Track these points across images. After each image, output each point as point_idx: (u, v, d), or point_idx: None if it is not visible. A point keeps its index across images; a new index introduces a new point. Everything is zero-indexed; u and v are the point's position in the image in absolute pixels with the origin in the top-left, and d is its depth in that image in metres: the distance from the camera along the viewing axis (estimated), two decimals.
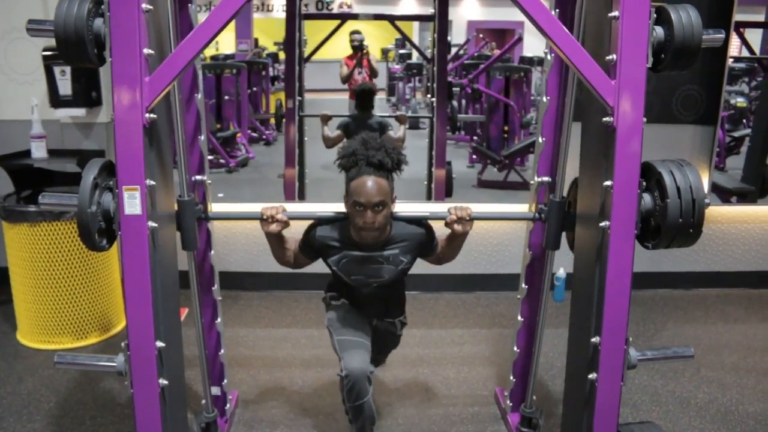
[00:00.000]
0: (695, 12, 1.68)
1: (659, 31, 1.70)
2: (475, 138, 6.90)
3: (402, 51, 10.40)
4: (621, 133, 1.69)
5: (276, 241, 2.20)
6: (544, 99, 2.25)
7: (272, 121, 7.59)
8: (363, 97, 4.55)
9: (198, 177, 2.20)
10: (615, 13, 1.68)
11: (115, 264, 3.38)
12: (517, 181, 6.05)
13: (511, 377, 2.63)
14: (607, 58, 1.70)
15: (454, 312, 3.86)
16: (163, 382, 1.75)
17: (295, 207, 4.08)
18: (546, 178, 2.29)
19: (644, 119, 1.70)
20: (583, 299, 1.90)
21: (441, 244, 2.28)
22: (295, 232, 2.26)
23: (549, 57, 2.21)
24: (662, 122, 3.88)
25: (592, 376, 1.80)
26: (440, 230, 2.24)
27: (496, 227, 4.07)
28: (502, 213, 2.59)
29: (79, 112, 3.34)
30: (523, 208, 4.08)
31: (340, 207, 2.17)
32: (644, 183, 1.75)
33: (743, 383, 3.02)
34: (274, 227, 2.09)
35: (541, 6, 1.68)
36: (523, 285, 2.50)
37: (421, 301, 3.93)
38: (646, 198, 1.75)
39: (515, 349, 2.59)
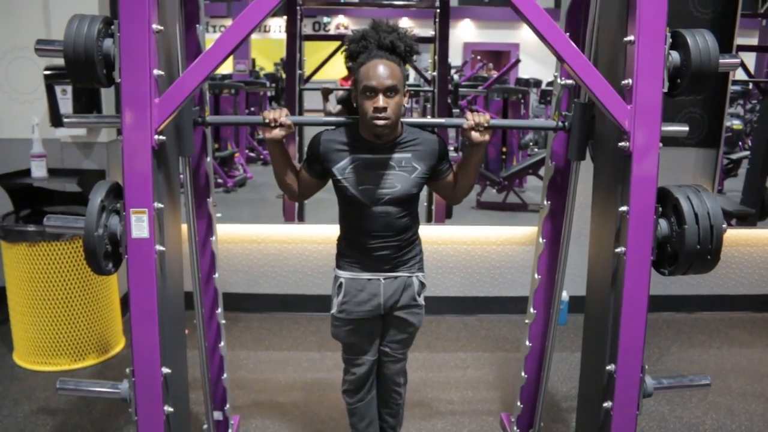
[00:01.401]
0: (711, 36, 1.67)
1: (675, 55, 1.69)
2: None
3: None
4: (637, 158, 1.68)
5: (280, 154, 2.00)
6: (559, 80, 2.20)
7: None
8: (350, 105, 4.53)
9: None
10: (631, 38, 1.67)
11: (114, 285, 3.33)
12: (516, 203, 6.04)
13: (518, 403, 2.59)
14: (623, 82, 1.68)
15: (457, 335, 3.81)
16: (169, 409, 1.70)
17: (295, 228, 4.09)
18: (569, 81, 2.14)
19: (660, 144, 1.69)
20: (596, 325, 1.87)
21: (455, 168, 2.12)
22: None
23: (559, 80, 2.19)
24: (665, 145, 3.86)
25: (606, 404, 1.77)
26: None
27: (498, 249, 4.05)
28: (526, 123, 2.41)
29: (80, 131, 3.30)
30: (522, 229, 4.11)
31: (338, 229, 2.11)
32: (660, 208, 1.72)
33: (752, 410, 2.99)
34: (277, 132, 1.90)
35: (556, 29, 1.67)
36: (532, 310, 2.47)
37: (423, 325, 3.86)
38: (663, 224, 1.72)
39: (523, 374, 2.54)
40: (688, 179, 4.15)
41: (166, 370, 1.68)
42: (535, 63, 8.65)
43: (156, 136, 1.59)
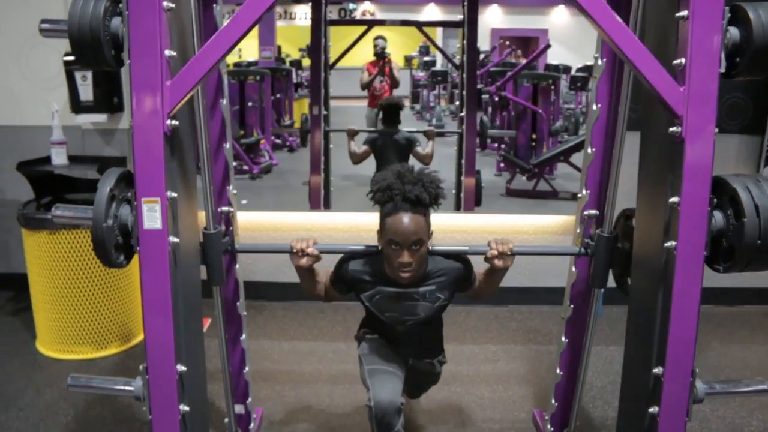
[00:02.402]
0: None
1: (734, 32, 1.53)
2: (502, 146, 6.74)
3: (426, 58, 10.28)
4: (690, 145, 1.53)
5: (306, 274, 2.08)
6: (594, 107, 2.08)
7: (296, 126, 7.49)
8: (390, 112, 4.41)
9: (224, 208, 2.07)
10: (683, 13, 1.51)
11: (136, 273, 3.23)
12: (547, 190, 5.88)
13: (553, 401, 2.46)
14: (675, 62, 1.53)
15: (487, 326, 3.69)
16: (184, 408, 1.62)
17: (321, 216, 4.00)
18: (593, 212, 2.13)
19: (716, 129, 1.54)
20: (642, 324, 1.74)
21: (479, 278, 2.16)
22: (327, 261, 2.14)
23: (600, 62, 2.04)
24: None
25: (653, 410, 1.63)
26: (477, 265, 2.14)
27: (531, 239, 3.91)
28: (546, 248, 2.44)
29: (101, 117, 3.24)
30: (553, 218, 3.96)
31: (365, 217, 2.04)
32: (715, 200, 1.58)
33: None
34: (304, 261, 1.97)
35: (603, 6, 1.52)
36: (568, 304, 2.33)
37: (452, 315, 3.76)
38: (718, 216, 1.58)
39: (558, 371, 2.41)
40: (730, 168, 3.94)
41: (181, 367, 1.60)
42: (565, 49, 8.42)
43: (168, 121, 1.49)
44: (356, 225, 3.86)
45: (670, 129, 1.54)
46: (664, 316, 1.62)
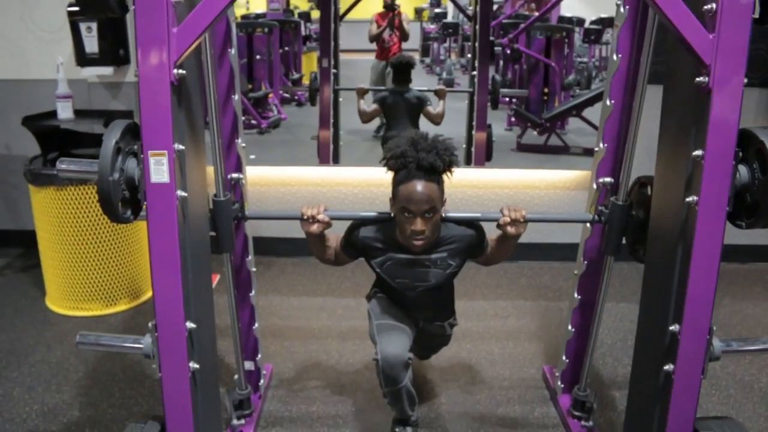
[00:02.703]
0: None
1: None
2: (514, 100, 6.63)
3: (437, 10, 10.02)
4: (717, 96, 1.46)
5: (316, 240, 2.08)
6: (615, 57, 2.01)
7: (305, 81, 7.37)
8: (400, 71, 4.30)
9: (234, 175, 2.04)
10: None
11: (144, 229, 3.24)
12: (558, 145, 5.78)
13: (564, 357, 2.45)
14: (705, 7, 1.45)
15: (497, 282, 3.67)
16: (194, 365, 1.61)
17: (330, 171, 3.94)
18: (608, 179, 2.09)
19: (745, 80, 1.47)
20: (659, 281, 1.70)
21: (491, 244, 2.15)
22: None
23: (622, 10, 1.96)
24: None
25: (668, 367, 1.61)
26: (489, 232, 2.13)
27: (541, 194, 3.86)
28: (559, 215, 2.40)
29: (107, 70, 3.17)
30: (565, 173, 3.90)
31: (374, 172, 2.00)
32: (740, 153, 1.52)
33: None
34: (315, 228, 1.96)
35: None
36: (582, 260, 2.30)
37: (462, 271, 3.72)
38: (743, 170, 1.52)
39: (570, 328, 2.40)
40: (749, 123, 3.84)
41: (190, 324, 1.58)
42: (578, 1, 8.18)
43: (175, 70, 1.43)
44: (366, 180, 3.81)
45: (697, 79, 1.47)
46: (682, 273, 1.58)
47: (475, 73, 4.42)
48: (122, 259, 3.11)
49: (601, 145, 2.13)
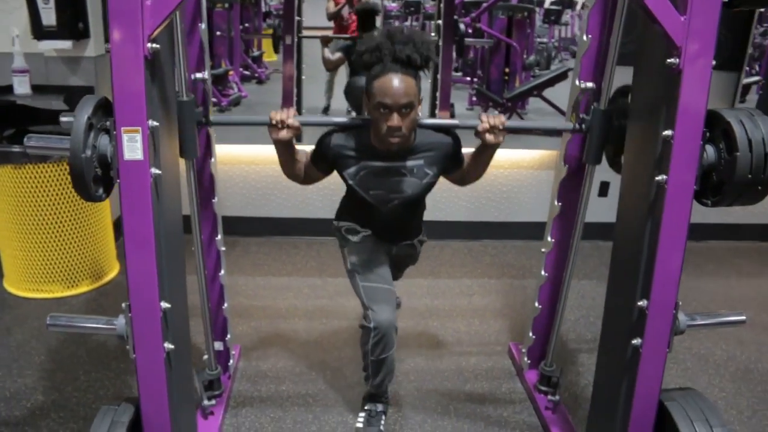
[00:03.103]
0: None
1: None
2: (475, 80, 6.65)
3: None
4: (687, 77, 1.50)
5: (285, 150, 1.95)
6: (585, 38, 2.03)
7: (266, 58, 7.25)
8: (365, 18, 4.27)
9: (198, 75, 1.92)
10: None
11: (106, 208, 3.18)
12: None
13: (531, 334, 2.51)
14: None
15: (462, 261, 3.72)
16: (169, 346, 1.59)
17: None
18: (590, 84, 2.05)
19: (714, 62, 1.51)
20: (627, 258, 1.75)
21: (466, 160, 2.08)
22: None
23: (578, 83, 2.01)
24: None
25: (636, 341, 1.67)
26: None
27: (506, 174, 3.90)
28: (539, 124, 2.37)
29: (65, 44, 3.04)
30: (530, 153, 3.95)
31: None
32: (707, 133, 1.56)
33: (761, 340, 2.94)
34: (284, 134, 1.83)
35: None
36: (549, 238, 2.34)
37: (426, 249, 3.74)
38: (710, 150, 1.57)
39: (537, 305, 2.45)
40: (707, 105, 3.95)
41: (165, 304, 1.55)
42: None
43: (149, 44, 1.39)
44: None
45: (668, 60, 1.51)
46: (650, 250, 1.63)
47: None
48: (83, 239, 3.04)
49: (577, 82, 2.15)
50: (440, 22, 4.06)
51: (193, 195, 2.01)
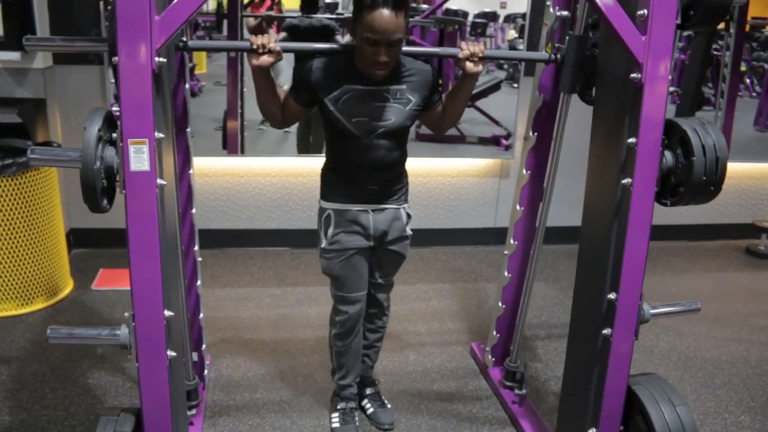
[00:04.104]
0: None
1: None
2: None
3: (328, 0, 10.00)
4: (649, 90, 1.67)
5: (265, 81, 1.90)
6: (551, 10, 2.16)
7: (197, 71, 7.14)
8: None
9: None
10: None
11: (59, 223, 3.10)
12: (455, 135, 6.04)
13: (494, 333, 2.64)
14: (639, 12, 1.65)
15: (415, 267, 3.84)
16: (172, 354, 1.61)
17: (243, 161, 3.92)
18: (565, 12, 2.12)
19: (670, 77, 1.69)
20: (594, 255, 1.91)
21: (444, 99, 2.10)
22: None
23: (552, 10, 2.15)
24: None
25: (606, 331, 1.82)
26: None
27: (452, 182, 4.07)
28: (516, 54, 2.38)
29: (13, 56, 2.97)
30: (479, 161, 4.13)
31: (285, 162, 1.99)
32: (665, 140, 1.74)
33: (697, 331, 3.20)
34: (265, 59, 1.77)
35: None
36: (512, 241, 2.49)
37: None
38: (668, 156, 1.75)
39: (500, 305, 2.59)
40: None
41: (168, 313, 1.58)
42: None
43: (156, 58, 1.43)
44: (281, 170, 3.84)
45: (632, 75, 1.68)
46: (618, 247, 1.79)
47: None
48: (37, 255, 2.95)
49: (530, 134, 2.33)
50: None
51: (175, 205, 2.02)
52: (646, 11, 1.65)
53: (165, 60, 1.46)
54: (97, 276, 3.39)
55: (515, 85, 4.22)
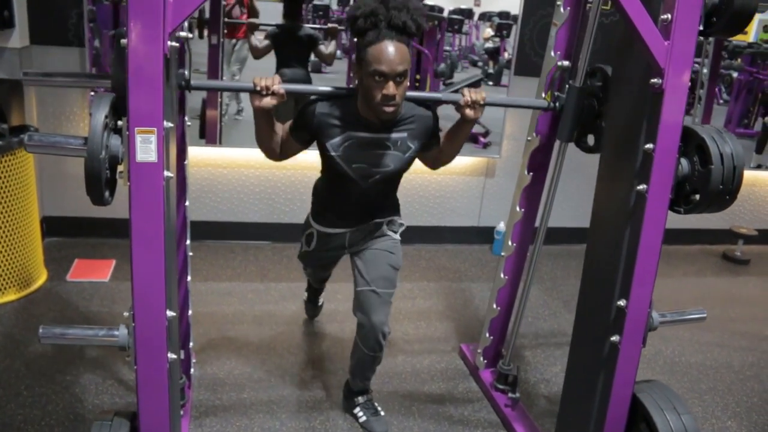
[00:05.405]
0: None
1: None
2: None
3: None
4: (669, 96, 1.65)
5: (266, 119, 1.89)
6: (552, 54, 2.17)
7: None
8: (291, 5, 4.22)
9: (182, 33, 1.62)
10: None
11: (33, 212, 2.95)
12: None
13: (487, 335, 2.61)
14: (662, 17, 1.63)
15: None
16: (172, 356, 1.53)
17: (224, 152, 3.80)
18: (566, 63, 2.13)
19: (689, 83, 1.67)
20: (603, 261, 1.88)
21: (442, 138, 2.10)
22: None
23: (562, 10, 2.12)
24: None
25: (614, 338, 1.79)
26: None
27: (438, 180, 4.02)
28: (516, 101, 2.41)
29: None
30: (464, 160, 4.09)
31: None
32: (682, 147, 1.72)
33: (681, 336, 3.22)
34: (268, 101, 1.77)
35: None
36: (510, 242, 2.46)
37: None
38: (684, 163, 1.73)
39: (495, 306, 2.56)
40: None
41: (171, 313, 1.49)
42: None
43: (169, 42, 1.34)
44: (262, 162, 3.74)
45: (652, 80, 1.65)
46: (629, 253, 1.77)
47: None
48: (10, 243, 2.81)
49: (531, 137, 2.29)
50: None
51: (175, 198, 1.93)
52: (669, 16, 1.62)
53: (177, 44, 1.37)
54: (72, 266, 3.24)
55: (490, 83, 4.23)
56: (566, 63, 2.15)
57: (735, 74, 4.66)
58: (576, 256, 4.15)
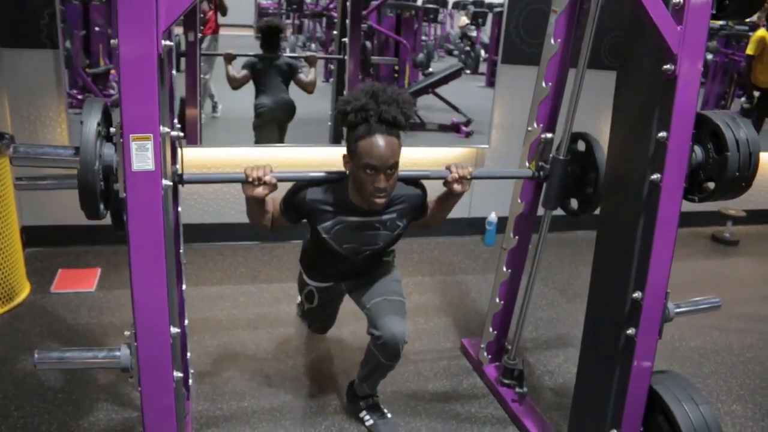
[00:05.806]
0: None
1: None
2: (367, 78, 6.69)
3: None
4: (682, 83, 1.59)
5: (258, 208, 1.93)
6: (552, 41, 2.10)
7: None
8: (269, 36, 4.15)
9: (173, 133, 1.71)
10: None
11: (14, 223, 2.82)
12: (414, 122, 5.96)
13: (491, 329, 2.56)
14: (674, 1, 1.57)
15: None
16: (178, 374, 1.44)
17: (207, 152, 3.70)
18: (549, 135, 2.19)
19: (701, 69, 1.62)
20: (616, 252, 1.83)
21: (430, 206, 2.14)
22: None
23: (533, 127, 2.10)
24: (590, 68, 3.90)
25: (630, 331, 1.75)
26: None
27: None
28: (502, 172, 2.46)
29: None
30: (449, 150, 4.03)
31: (243, 152, 1.92)
32: (695, 135, 1.67)
33: (679, 320, 3.15)
34: (260, 191, 1.80)
35: None
36: (512, 236, 2.40)
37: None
38: (698, 151, 1.68)
39: (498, 300, 2.51)
40: (608, 104, 4.22)
41: (174, 329, 1.41)
42: None
43: (163, 41, 1.25)
44: (243, 160, 3.65)
45: (665, 66, 1.60)
46: (644, 244, 1.72)
47: (345, 40, 4.36)
48: None
49: (534, 125, 2.23)
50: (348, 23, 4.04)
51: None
52: (681, 0, 1.56)
53: (171, 43, 1.28)
54: (56, 277, 3.11)
55: (467, 71, 4.21)
56: (549, 135, 2.18)
57: (710, 56, 4.66)
58: (569, 245, 4.13)
